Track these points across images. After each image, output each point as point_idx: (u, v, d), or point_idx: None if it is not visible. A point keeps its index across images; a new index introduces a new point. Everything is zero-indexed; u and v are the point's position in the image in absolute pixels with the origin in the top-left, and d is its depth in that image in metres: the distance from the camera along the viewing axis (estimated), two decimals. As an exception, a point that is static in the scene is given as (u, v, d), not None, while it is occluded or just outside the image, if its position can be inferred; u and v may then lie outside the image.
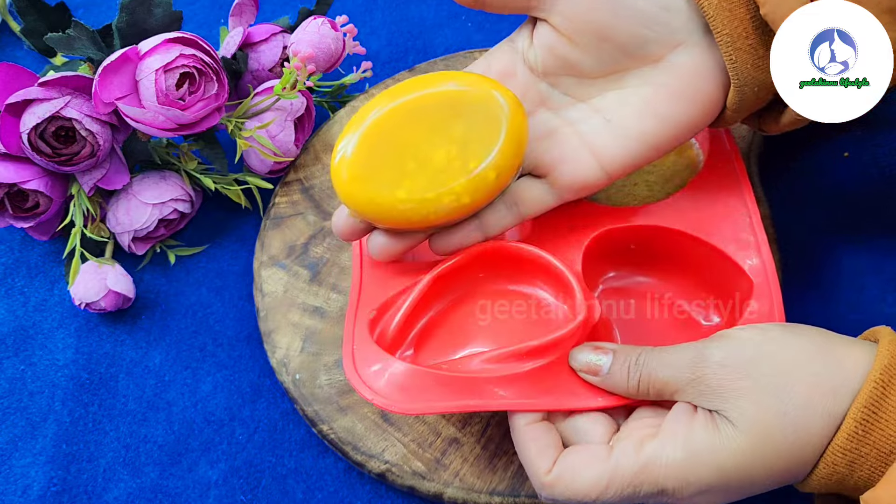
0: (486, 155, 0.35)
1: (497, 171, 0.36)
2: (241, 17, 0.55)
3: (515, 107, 0.36)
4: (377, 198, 0.36)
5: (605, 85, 0.38)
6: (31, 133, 0.46)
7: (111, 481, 0.46)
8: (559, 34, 0.37)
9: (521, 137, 0.36)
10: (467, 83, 0.36)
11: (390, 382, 0.37)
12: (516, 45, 0.39)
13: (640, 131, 0.37)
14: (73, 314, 0.52)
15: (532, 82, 0.38)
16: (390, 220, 0.37)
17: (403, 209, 0.36)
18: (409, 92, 0.36)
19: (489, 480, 0.42)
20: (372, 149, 0.36)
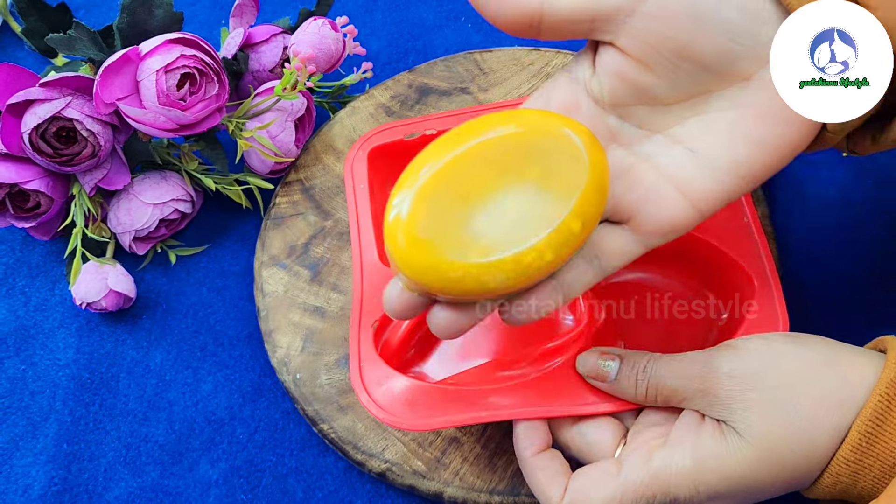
0: (568, 201, 0.30)
1: (582, 219, 0.30)
2: (241, 18, 0.55)
3: (592, 144, 0.30)
4: (444, 264, 0.29)
5: (683, 111, 0.33)
6: (33, 133, 0.46)
7: (112, 480, 0.46)
8: (629, 58, 0.32)
9: (603, 178, 0.30)
10: (533, 121, 0.31)
11: (399, 399, 0.38)
12: (576, 76, 0.34)
13: (732, 160, 0.32)
14: (74, 314, 0.52)
15: (598, 116, 0.33)
16: (460, 290, 0.30)
17: (477, 275, 0.29)
18: (469, 137, 0.30)
19: (489, 480, 0.42)
20: (433, 205, 0.30)
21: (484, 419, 0.37)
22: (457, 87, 0.56)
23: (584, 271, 0.33)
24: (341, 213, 0.52)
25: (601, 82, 0.33)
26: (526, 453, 0.37)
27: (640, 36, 0.31)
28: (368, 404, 0.38)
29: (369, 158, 0.48)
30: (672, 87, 0.32)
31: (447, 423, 0.37)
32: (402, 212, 0.30)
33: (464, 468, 0.42)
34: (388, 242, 0.30)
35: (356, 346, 0.40)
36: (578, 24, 0.31)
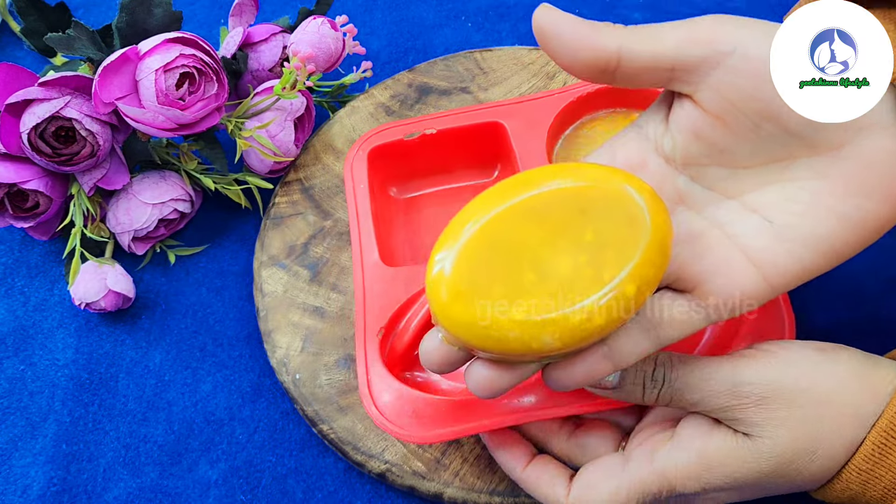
0: (625, 264, 0.28)
1: (637, 283, 0.28)
2: (241, 17, 0.55)
3: (655, 204, 0.28)
4: (486, 319, 0.28)
5: (761, 177, 0.30)
6: (31, 133, 0.46)
7: (111, 481, 0.46)
8: (707, 114, 0.30)
9: (664, 241, 0.28)
10: (591, 176, 0.29)
11: (406, 412, 0.38)
12: (646, 131, 0.32)
13: (813, 235, 0.29)
14: (73, 314, 0.52)
15: (668, 175, 0.31)
16: (502, 348, 0.28)
17: (520, 333, 0.28)
18: (522, 189, 0.29)
19: (489, 480, 0.42)
20: (479, 259, 0.28)
21: (491, 426, 0.38)
22: (457, 87, 0.56)
23: (638, 341, 0.30)
24: (341, 213, 0.51)
25: (674, 139, 0.31)
26: (516, 472, 0.37)
27: (722, 91, 0.29)
28: (378, 418, 0.38)
29: (369, 158, 0.48)
30: (751, 151, 0.30)
31: (454, 433, 0.38)
32: (445, 267, 0.28)
33: (464, 469, 0.42)
34: (431, 296, 0.29)
35: (363, 354, 0.41)
36: (657, 72, 0.29)
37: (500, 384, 0.30)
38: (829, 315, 0.46)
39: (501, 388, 0.30)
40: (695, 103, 0.30)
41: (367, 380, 0.40)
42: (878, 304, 0.46)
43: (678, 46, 0.29)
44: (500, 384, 0.30)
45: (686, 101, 0.30)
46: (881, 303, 0.46)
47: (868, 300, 0.46)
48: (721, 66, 0.29)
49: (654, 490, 0.33)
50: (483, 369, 0.30)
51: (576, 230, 0.28)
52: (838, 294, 0.47)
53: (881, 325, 0.46)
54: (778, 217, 0.30)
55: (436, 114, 0.49)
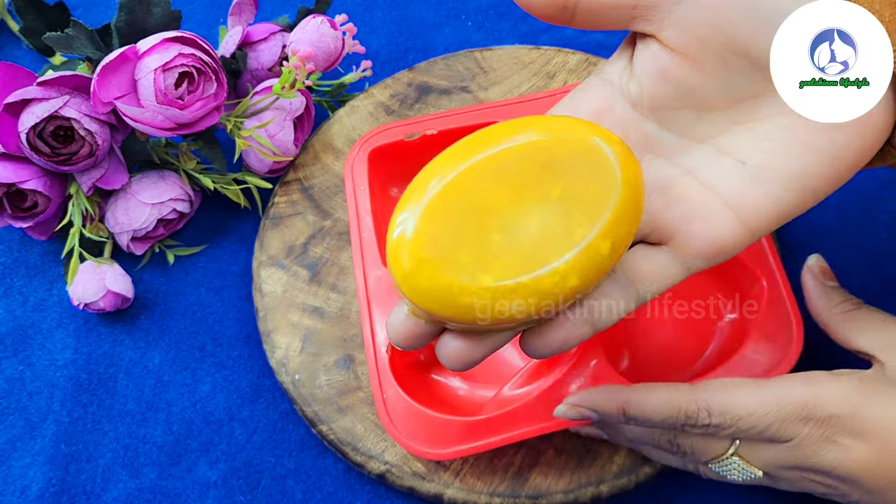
0: (597, 220, 0.26)
1: (611, 239, 0.26)
2: (240, 16, 0.55)
3: (625, 155, 0.27)
4: (453, 287, 0.26)
5: (732, 118, 0.29)
6: (30, 132, 0.46)
7: (110, 482, 0.46)
8: (673, 53, 0.28)
9: (636, 194, 0.27)
10: (556, 129, 0.27)
11: (422, 430, 0.40)
12: (609, 77, 0.31)
13: (789, 172, 0.28)
14: (71, 314, 0.52)
15: (634, 121, 0.30)
16: (472, 317, 0.27)
17: (490, 300, 0.26)
18: (484, 146, 0.27)
19: (489, 481, 0.42)
20: (442, 223, 0.26)
21: (502, 442, 0.39)
22: (457, 86, 0.56)
23: (616, 300, 0.29)
24: (340, 213, 0.51)
25: (640, 82, 0.30)
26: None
27: (687, 26, 0.28)
28: (399, 437, 0.40)
29: (370, 159, 0.47)
30: (720, 89, 0.29)
31: (469, 450, 0.39)
32: (406, 230, 0.26)
33: (464, 469, 0.42)
34: (391, 263, 0.27)
35: (375, 376, 0.41)
36: (618, 9, 0.28)
37: (473, 355, 0.29)
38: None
39: (474, 360, 0.29)
40: (660, 42, 0.29)
41: (383, 399, 0.41)
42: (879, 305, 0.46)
43: None
44: (473, 355, 0.29)
45: (650, 41, 0.29)
46: (882, 303, 0.46)
47: (869, 301, 0.46)
48: (684, 1, 0.28)
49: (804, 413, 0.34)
50: (453, 341, 0.28)
51: (543, 188, 0.27)
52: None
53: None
54: (751, 157, 0.29)
55: (436, 113, 0.49)
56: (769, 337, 0.40)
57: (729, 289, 0.44)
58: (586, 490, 0.42)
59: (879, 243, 0.48)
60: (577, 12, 0.29)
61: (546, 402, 0.39)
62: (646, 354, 0.44)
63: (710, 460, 0.37)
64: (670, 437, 0.37)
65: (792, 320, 0.41)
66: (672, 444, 0.37)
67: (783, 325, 0.41)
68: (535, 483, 0.42)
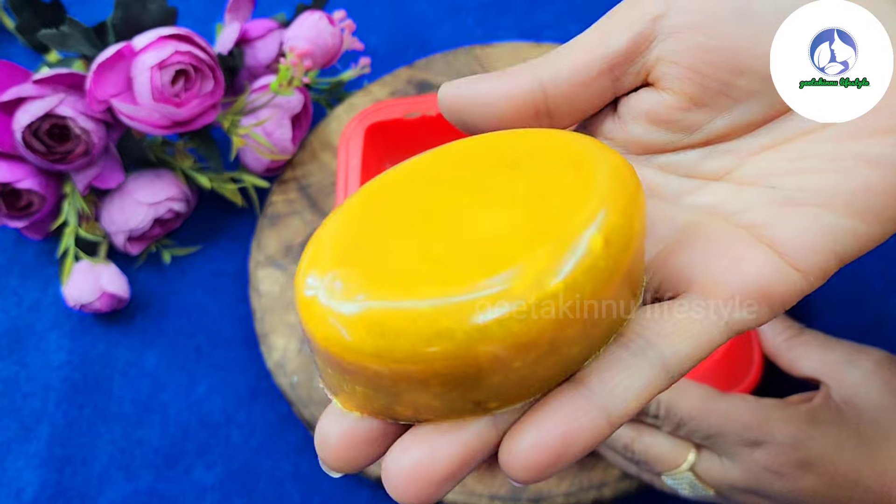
0: (580, 209, 0.19)
1: (605, 233, 0.19)
2: (237, 13, 0.54)
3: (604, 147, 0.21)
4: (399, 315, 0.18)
5: (749, 145, 0.24)
6: (25, 131, 0.45)
7: (106, 484, 0.45)
8: (665, 91, 0.24)
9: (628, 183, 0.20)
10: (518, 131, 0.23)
11: None
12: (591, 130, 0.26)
13: (840, 191, 0.22)
14: (66, 315, 0.51)
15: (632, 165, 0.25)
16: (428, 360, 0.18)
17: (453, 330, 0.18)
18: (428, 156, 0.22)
19: (490, 484, 0.41)
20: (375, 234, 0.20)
21: None
22: (456, 83, 0.55)
23: (635, 370, 0.20)
24: (339, 212, 0.51)
25: (628, 131, 0.25)
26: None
27: (673, 59, 0.23)
28: None
29: (366, 134, 0.47)
30: (731, 118, 0.23)
31: None
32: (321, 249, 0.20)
33: (463, 473, 0.42)
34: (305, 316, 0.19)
35: None
36: (596, 82, 0.24)
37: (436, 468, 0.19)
38: (834, 316, 0.46)
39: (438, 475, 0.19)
40: (649, 87, 0.24)
41: None
42: (881, 304, 0.46)
43: (603, 43, 0.24)
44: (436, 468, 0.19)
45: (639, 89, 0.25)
46: (885, 303, 0.46)
47: (871, 297, 0.46)
48: (661, 32, 0.23)
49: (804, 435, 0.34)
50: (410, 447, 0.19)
51: (502, 185, 0.20)
52: (842, 290, 0.46)
53: (884, 321, 0.45)
54: (784, 181, 0.22)
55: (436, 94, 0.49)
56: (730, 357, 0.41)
57: None
58: (588, 493, 0.41)
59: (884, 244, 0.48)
60: (552, 108, 0.24)
61: None
62: None
63: (663, 472, 0.37)
64: (625, 442, 0.38)
65: (753, 341, 0.41)
66: (626, 449, 0.38)
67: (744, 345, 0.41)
68: (537, 486, 0.41)
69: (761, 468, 0.34)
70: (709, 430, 0.35)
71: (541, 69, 0.24)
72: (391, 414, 0.19)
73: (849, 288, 0.46)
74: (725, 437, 0.35)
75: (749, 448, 0.34)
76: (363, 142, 0.47)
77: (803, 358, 0.38)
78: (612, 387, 0.20)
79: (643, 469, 0.38)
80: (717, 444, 0.35)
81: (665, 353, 0.20)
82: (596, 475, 0.41)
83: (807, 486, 0.34)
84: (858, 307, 0.46)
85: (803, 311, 0.41)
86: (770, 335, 0.40)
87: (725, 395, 0.36)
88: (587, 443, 0.19)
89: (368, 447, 0.20)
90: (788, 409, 0.35)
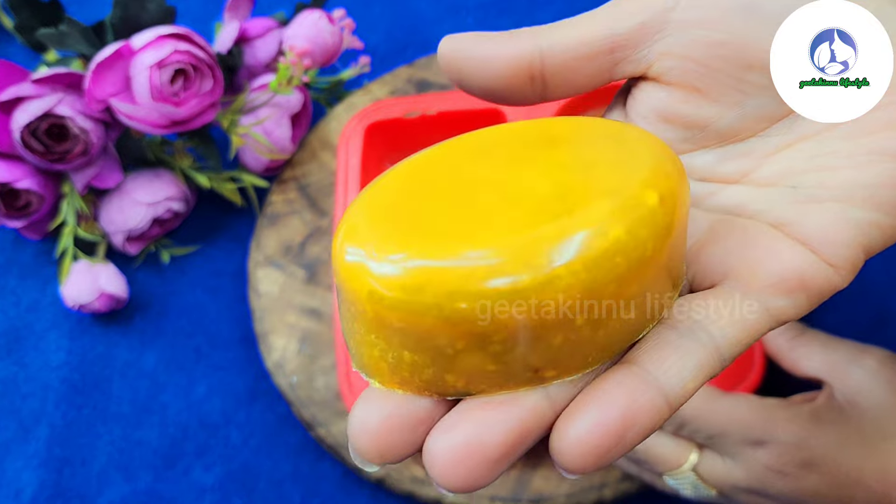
0: (630, 171, 0.19)
1: (659, 192, 0.19)
2: (236, 12, 0.54)
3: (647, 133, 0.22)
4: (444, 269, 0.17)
5: (765, 146, 0.23)
6: (24, 131, 0.45)
7: (104, 485, 0.45)
8: (671, 86, 0.23)
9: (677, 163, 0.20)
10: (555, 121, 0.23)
11: None
12: None
13: (861, 186, 0.22)
14: (65, 315, 0.51)
15: None
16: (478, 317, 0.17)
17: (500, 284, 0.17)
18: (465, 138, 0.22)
19: (490, 485, 0.41)
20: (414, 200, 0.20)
21: None
22: (456, 82, 0.55)
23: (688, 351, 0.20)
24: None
25: None
26: None
27: (680, 53, 0.23)
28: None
29: (366, 133, 0.47)
30: (741, 114, 0.23)
31: None
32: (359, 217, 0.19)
33: (463, 473, 0.42)
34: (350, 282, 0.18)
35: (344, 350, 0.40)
36: (595, 60, 0.23)
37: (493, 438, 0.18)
38: (836, 315, 0.46)
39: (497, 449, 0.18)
40: (653, 80, 0.24)
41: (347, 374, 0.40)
42: (884, 301, 0.46)
43: (608, 24, 0.23)
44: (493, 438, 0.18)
45: (642, 82, 0.24)
46: (888, 300, 0.46)
47: (875, 293, 0.46)
48: (669, 23, 0.23)
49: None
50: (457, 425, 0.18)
51: (544, 154, 0.20)
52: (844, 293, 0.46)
53: (887, 318, 0.45)
54: (804, 179, 0.22)
55: (437, 93, 0.49)
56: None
57: None
58: (589, 494, 0.41)
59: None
60: (548, 79, 0.24)
61: None
62: None
63: (664, 472, 0.37)
64: None
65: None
66: None
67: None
68: (538, 487, 0.41)
69: (764, 468, 0.34)
70: (711, 429, 0.35)
71: (542, 37, 0.24)
72: (440, 386, 0.18)
73: (850, 287, 0.46)
74: (728, 436, 0.35)
75: (752, 448, 0.34)
76: (363, 141, 0.46)
77: (806, 358, 0.38)
78: (667, 367, 0.19)
79: (644, 469, 0.38)
80: (719, 444, 0.35)
81: (715, 336, 0.20)
82: (596, 476, 0.41)
83: (809, 485, 0.34)
84: (860, 306, 0.46)
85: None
86: (772, 335, 0.40)
87: (728, 395, 0.36)
88: (647, 425, 0.18)
89: (415, 430, 0.18)
90: (791, 408, 0.35)
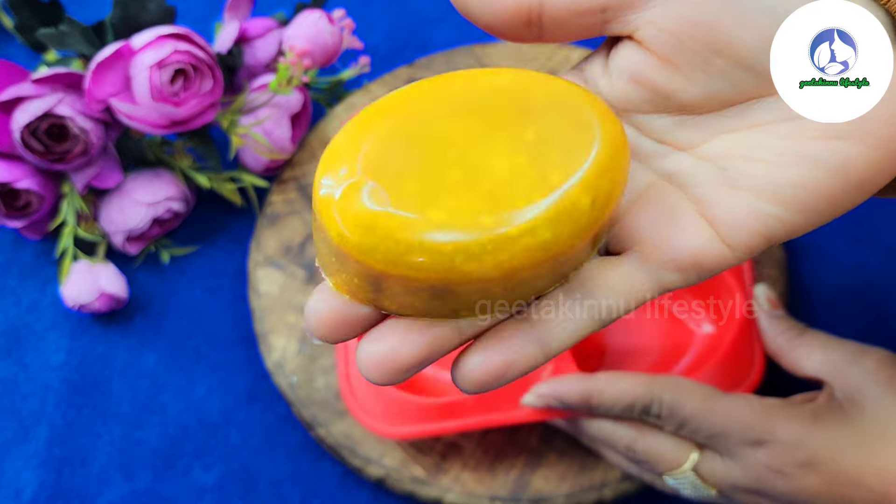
0: (575, 169, 0.23)
1: (592, 194, 0.22)
2: (236, 12, 0.54)
3: (605, 112, 0.24)
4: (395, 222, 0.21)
5: (717, 124, 0.26)
6: (24, 131, 0.45)
7: (104, 485, 0.45)
8: (650, 53, 0.26)
9: (618, 153, 0.24)
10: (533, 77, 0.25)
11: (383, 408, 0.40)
12: (585, 74, 0.28)
13: (778, 184, 0.25)
14: (65, 315, 0.51)
15: None
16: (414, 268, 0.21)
17: (440, 245, 0.21)
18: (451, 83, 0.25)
19: (490, 485, 0.41)
20: (390, 146, 0.23)
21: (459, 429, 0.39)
22: (456, 82, 0.55)
23: (569, 311, 0.24)
24: (338, 212, 0.51)
25: (613, 84, 0.27)
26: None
27: (663, 24, 0.25)
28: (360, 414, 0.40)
29: None
30: (703, 92, 0.26)
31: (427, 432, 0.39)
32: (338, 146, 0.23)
33: (464, 474, 0.42)
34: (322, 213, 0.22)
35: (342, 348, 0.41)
36: (588, 15, 0.26)
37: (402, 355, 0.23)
38: (836, 315, 0.46)
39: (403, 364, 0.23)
40: (637, 43, 0.26)
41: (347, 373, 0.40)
42: (886, 299, 0.46)
43: None
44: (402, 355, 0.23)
45: (627, 41, 0.27)
46: (888, 301, 0.46)
47: (876, 296, 0.46)
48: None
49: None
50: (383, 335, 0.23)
51: (513, 128, 0.23)
52: (846, 288, 0.46)
53: (888, 320, 0.45)
54: (735, 166, 0.25)
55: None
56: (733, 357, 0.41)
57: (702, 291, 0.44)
58: (589, 494, 0.41)
59: (888, 238, 0.47)
60: (544, 25, 0.26)
61: (514, 390, 0.38)
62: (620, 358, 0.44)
63: (664, 472, 0.37)
64: (627, 442, 0.38)
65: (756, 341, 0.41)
66: (628, 449, 0.38)
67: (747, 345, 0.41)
68: (537, 487, 0.41)
69: (764, 468, 0.34)
70: (711, 429, 0.35)
71: None
72: (377, 304, 0.23)
73: (850, 287, 0.46)
74: (728, 436, 0.35)
75: (752, 448, 0.34)
76: None
77: (806, 358, 0.38)
78: (552, 327, 0.24)
79: (644, 469, 0.38)
80: (719, 444, 0.35)
81: (601, 304, 0.25)
82: (597, 476, 0.41)
83: (809, 485, 0.34)
84: (860, 306, 0.46)
85: (805, 310, 0.41)
86: (772, 335, 0.40)
87: (728, 395, 0.36)
88: (523, 369, 0.24)
89: (351, 327, 0.23)
90: (791, 408, 0.35)
